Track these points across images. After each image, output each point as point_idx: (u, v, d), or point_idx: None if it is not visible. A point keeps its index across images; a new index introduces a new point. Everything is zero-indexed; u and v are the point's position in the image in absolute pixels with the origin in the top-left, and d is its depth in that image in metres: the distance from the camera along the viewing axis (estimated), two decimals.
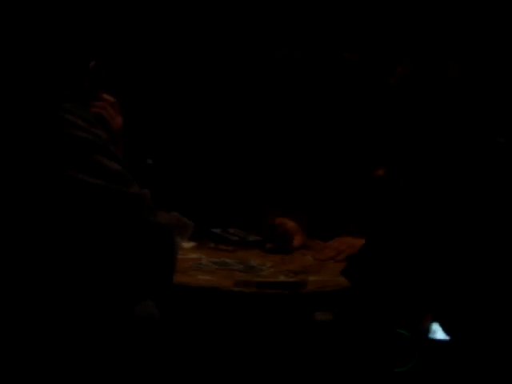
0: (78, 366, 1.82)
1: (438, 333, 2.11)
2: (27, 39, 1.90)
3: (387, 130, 2.35)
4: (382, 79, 2.36)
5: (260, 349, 2.59)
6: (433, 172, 2.21)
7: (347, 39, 3.56)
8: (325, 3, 3.62)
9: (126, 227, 1.79)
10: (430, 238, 2.13)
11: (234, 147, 3.57)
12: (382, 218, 2.27)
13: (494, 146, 2.21)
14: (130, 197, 1.81)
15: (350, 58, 3.46)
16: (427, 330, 2.10)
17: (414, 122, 2.27)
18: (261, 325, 2.57)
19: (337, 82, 3.44)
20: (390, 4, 3.58)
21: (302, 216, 3.15)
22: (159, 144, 3.50)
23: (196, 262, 2.80)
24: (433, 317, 2.10)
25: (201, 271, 2.72)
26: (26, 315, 1.78)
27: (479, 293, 2.08)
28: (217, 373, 2.62)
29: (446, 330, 2.08)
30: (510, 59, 3.39)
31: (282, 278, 2.67)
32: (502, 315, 2.07)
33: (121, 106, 2.38)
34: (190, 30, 3.62)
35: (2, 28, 1.91)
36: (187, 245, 3.01)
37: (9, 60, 1.90)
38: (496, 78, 3.21)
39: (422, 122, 2.25)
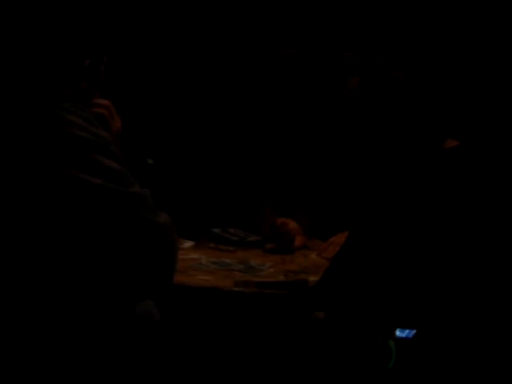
0: (78, 366, 1.82)
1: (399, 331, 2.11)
2: (27, 39, 1.90)
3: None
4: (381, 79, 2.37)
5: (260, 349, 2.59)
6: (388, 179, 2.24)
7: (347, 39, 3.56)
8: (325, 3, 3.62)
9: (126, 227, 1.79)
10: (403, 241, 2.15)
11: (233, 147, 3.57)
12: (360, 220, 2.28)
13: (441, 150, 2.23)
14: (130, 196, 1.81)
15: (349, 58, 3.46)
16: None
17: (367, 128, 2.32)
18: (261, 325, 2.57)
19: (336, 82, 3.44)
20: (390, 4, 3.59)
21: (302, 216, 3.15)
22: (159, 144, 3.50)
23: (196, 262, 2.80)
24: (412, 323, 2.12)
25: (201, 271, 2.72)
26: (26, 315, 1.78)
27: (454, 294, 2.10)
28: (217, 373, 2.63)
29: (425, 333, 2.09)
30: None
31: (281, 278, 2.67)
32: (481, 323, 2.08)
33: (121, 106, 2.37)
34: (189, 30, 3.62)
35: (1, 28, 1.91)
36: (186, 245, 3.01)
37: (8, 60, 1.90)
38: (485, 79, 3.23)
39: (373, 128, 2.30)
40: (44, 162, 1.77)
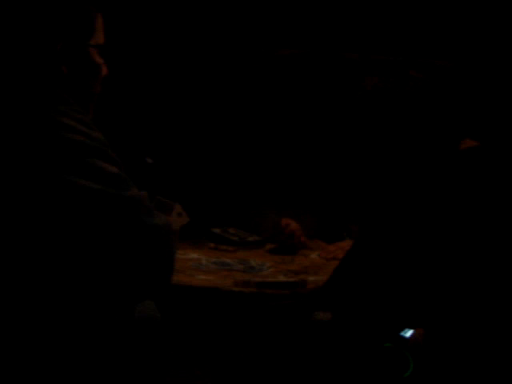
0: (79, 367, 1.82)
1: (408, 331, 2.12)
2: (20, 42, 1.89)
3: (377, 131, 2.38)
4: (381, 79, 2.37)
5: (260, 349, 2.59)
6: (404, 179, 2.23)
7: (347, 39, 3.56)
8: (325, 3, 3.62)
9: (124, 230, 1.79)
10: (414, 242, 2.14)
11: (233, 147, 3.57)
12: (369, 223, 2.28)
13: (456, 151, 2.22)
14: (128, 200, 1.80)
15: (349, 58, 3.46)
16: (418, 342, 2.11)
17: (384, 125, 2.30)
18: (261, 325, 2.57)
19: (337, 82, 3.44)
20: (390, 4, 3.59)
21: (303, 216, 3.15)
22: (159, 143, 3.50)
23: (196, 262, 2.80)
24: (424, 330, 2.11)
25: (201, 271, 2.72)
26: (26, 318, 1.78)
27: (468, 299, 2.09)
28: (217, 372, 2.63)
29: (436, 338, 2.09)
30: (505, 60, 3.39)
31: (281, 278, 2.67)
32: (491, 325, 2.07)
33: (121, 106, 2.37)
34: (190, 30, 3.63)
35: None
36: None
37: (1, 63, 1.89)
38: (486, 79, 3.22)
39: (390, 125, 2.29)
40: (42, 168, 1.76)
